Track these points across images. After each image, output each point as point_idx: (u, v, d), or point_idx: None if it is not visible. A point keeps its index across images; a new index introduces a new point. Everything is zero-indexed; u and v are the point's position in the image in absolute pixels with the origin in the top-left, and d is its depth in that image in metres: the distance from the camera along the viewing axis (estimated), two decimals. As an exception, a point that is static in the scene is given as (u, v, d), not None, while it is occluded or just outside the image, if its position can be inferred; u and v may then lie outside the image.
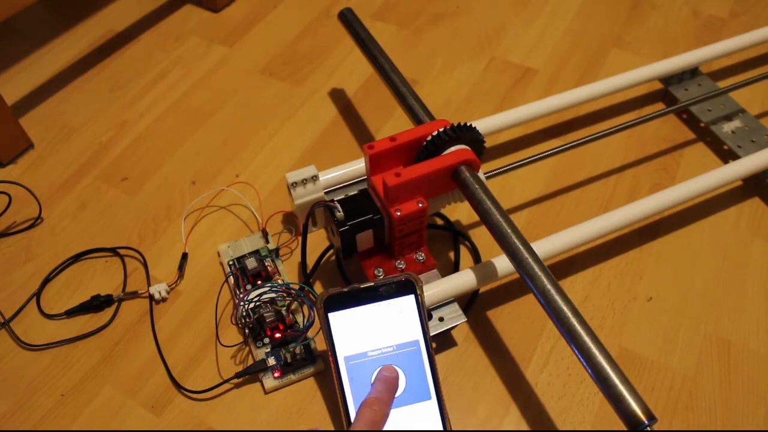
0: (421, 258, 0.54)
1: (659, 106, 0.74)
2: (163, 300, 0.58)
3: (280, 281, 0.57)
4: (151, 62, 0.81)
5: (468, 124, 0.52)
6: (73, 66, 0.81)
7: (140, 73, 0.80)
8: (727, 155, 0.68)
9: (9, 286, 0.60)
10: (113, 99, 0.77)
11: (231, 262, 0.59)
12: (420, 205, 0.51)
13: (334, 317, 0.44)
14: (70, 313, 0.57)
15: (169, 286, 0.58)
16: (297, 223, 0.61)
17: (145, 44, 0.84)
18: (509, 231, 0.47)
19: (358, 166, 0.58)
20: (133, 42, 0.84)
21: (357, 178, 0.58)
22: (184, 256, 0.61)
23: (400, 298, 0.45)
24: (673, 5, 0.87)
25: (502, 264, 0.52)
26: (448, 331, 0.54)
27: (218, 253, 0.61)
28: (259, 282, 0.57)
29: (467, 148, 0.52)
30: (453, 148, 0.52)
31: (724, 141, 0.68)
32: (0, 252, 0.62)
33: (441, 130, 0.52)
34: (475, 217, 0.64)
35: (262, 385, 0.52)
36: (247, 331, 0.54)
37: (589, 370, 0.41)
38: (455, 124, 0.52)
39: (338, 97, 0.77)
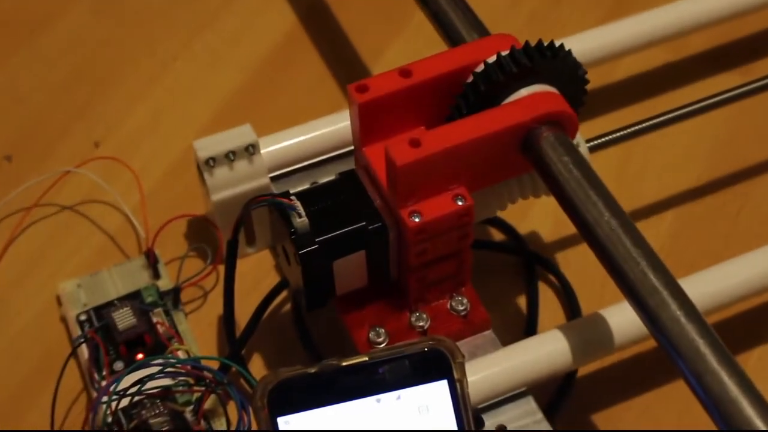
0: (461, 308, 0.55)
1: None
2: (-50, 391, 0.59)
3: (181, 354, 0.58)
4: None
5: (554, 45, 0.53)
6: None
7: None
8: None
9: None
10: None
11: (84, 317, 0.59)
12: (459, 203, 0.51)
13: (289, 425, 0.45)
14: None
15: (-39, 364, 0.59)
16: (217, 238, 0.61)
17: None
18: (636, 255, 0.47)
19: (335, 126, 0.59)
20: None
21: (334, 151, 0.59)
22: (-8, 303, 0.61)
23: (419, 388, 0.45)
24: None
25: (623, 321, 0.53)
26: (514, 453, 0.55)
27: (58, 297, 0.62)
28: (141, 356, 0.57)
29: (553, 90, 0.53)
30: (524, 92, 0.52)
31: None
32: None
33: (500, 55, 0.52)
34: (568, 228, 0.64)
35: None
36: (116, 453, 0.55)
37: None
38: (528, 45, 0.53)
39: (297, -11, 0.78)
